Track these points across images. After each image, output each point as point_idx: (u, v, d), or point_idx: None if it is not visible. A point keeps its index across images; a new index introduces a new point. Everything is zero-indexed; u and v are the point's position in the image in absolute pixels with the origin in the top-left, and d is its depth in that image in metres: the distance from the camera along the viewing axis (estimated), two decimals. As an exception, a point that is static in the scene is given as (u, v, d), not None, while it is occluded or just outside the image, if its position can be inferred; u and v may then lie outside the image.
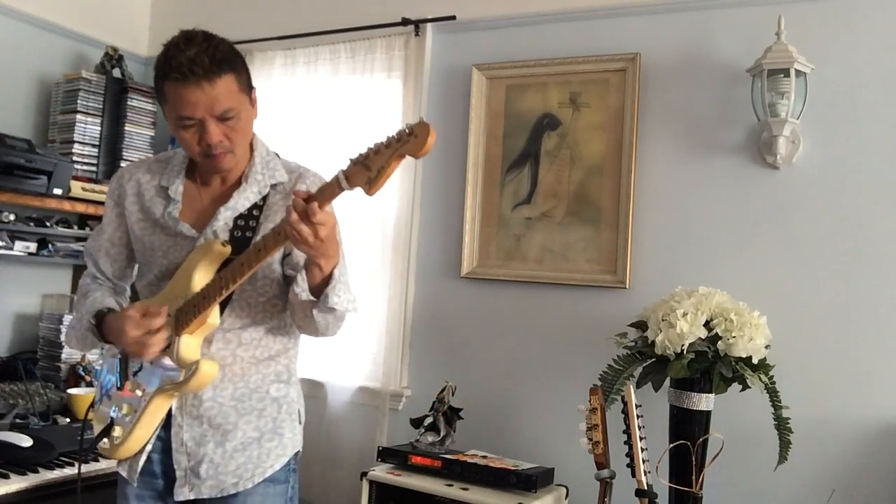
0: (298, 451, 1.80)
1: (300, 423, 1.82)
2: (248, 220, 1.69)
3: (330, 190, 1.43)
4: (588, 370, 2.51)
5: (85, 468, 2.24)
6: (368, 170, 1.37)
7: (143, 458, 1.70)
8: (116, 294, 1.84)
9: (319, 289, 1.58)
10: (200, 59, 1.54)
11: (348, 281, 1.63)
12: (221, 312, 1.65)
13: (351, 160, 1.39)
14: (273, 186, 1.73)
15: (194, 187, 1.74)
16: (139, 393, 1.67)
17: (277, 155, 1.80)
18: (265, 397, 1.73)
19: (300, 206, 1.43)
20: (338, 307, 1.59)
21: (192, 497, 1.67)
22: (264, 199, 1.71)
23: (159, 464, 1.71)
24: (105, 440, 1.69)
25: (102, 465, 2.29)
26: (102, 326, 1.68)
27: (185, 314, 1.59)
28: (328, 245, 1.49)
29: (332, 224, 1.47)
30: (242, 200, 1.69)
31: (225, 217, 1.68)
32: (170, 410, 1.68)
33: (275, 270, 1.71)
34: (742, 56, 2.55)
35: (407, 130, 1.33)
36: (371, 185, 1.37)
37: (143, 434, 1.66)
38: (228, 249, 1.62)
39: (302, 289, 1.59)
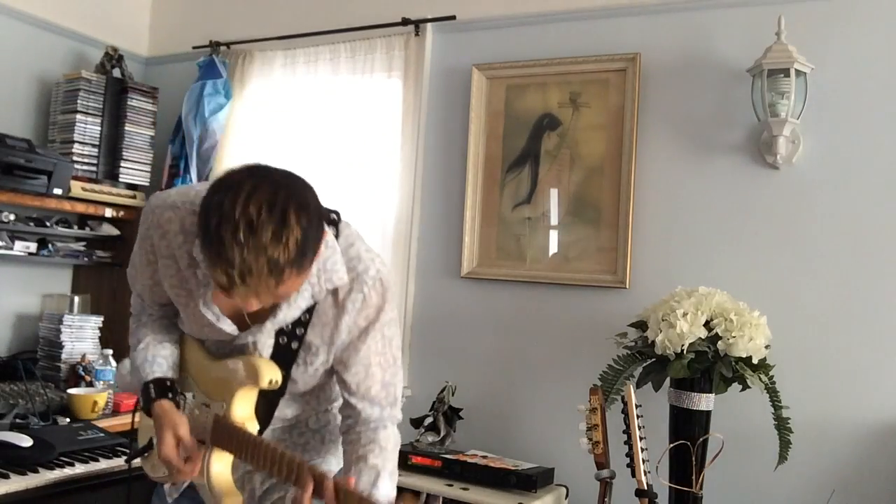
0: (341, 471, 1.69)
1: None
2: (296, 326, 1.46)
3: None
4: (588, 370, 2.51)
5: (85, 468, 2.24)
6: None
7: (186, 483, 1.59)
8: (170, 326, 1.61)
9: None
10: (259, 268, 1.19)
11: (395, 467, 1.51)
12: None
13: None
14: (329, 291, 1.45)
15: None
16: None
17: (334, 223, 1.47)
18: (305, 431, 1.66)
19: None
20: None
21: None
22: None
23: (199, 490, 1.60)
24: (146, 454, 1.63)
25: (103, 465, 2.29)
26: (150, 406, 1.50)
27: (221, 433, 1.45)
28: None
29: None
30: (293, 311, 1.43)
31: (268, 329, 1.45)
32: None
33: (314, 377, 1.55)
34: (742, 56, 2.55)
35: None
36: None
37: None
38: (277, 386, 1.43)
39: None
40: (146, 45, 3.87)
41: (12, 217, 2.98)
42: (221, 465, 1.48)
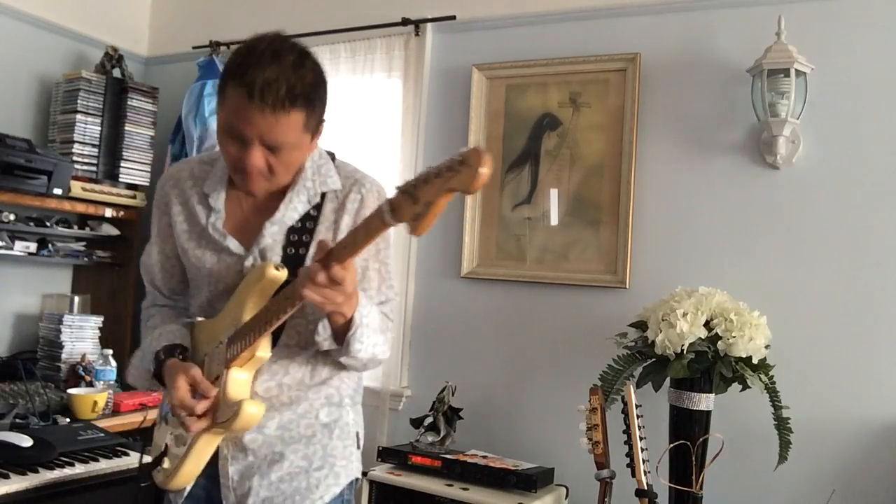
0: (356, 479, 1.64)
1: (358, 447, 1.64)
2: (302, 234, 1.53)
3: (374, 225, 1.22)
4: (588, 370, 2.51)
5: (85, 468, 2.24)
6: (415, 203, 1.15)
7: (191, 485, 1.57)
8: (179, 316, 1.69)
9: (342, 334, 1.44)
10: (278, 86, 1.36)
11: (375, 322, 1.48)
12: (275, 342, 1.50)
13: (398, 188, 1.18)
14: (324, 195, 1.55)
15: (237, 195, 1.58)
16: None
17: (333, 156, 1.63)
18: (314, 423, 1.57)
19: (318, 275, 1.26)
20: (360, 355, 1.46)
21: None
22: (318, 207, 1.54)
23: (204, 491, 1.58)
24: (160, 467, 1.59)
25: (102, 465, 2.29)
26: (162, 372, 1.53)
27: (235, 345, 1.45)
28: (351, 296, 1.36)
29: (354, 277, 1.33)
30: (290, 213, 1.53)
31: (271, 233, 1.52)
32: None
33: None
34: (742, 56, 2.55)
35: (458, 158, 1.11)
36: (417, 223, 1.15)
37: (193, 470, 1.53)
38: (284, 274, 1.43)
39: (324, 338, 1.46)
40: (146, 45, 3.88)
41: (12, 217, 2.98)
42: (239, 378, 1.47)
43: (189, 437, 1.53)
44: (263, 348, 1.45)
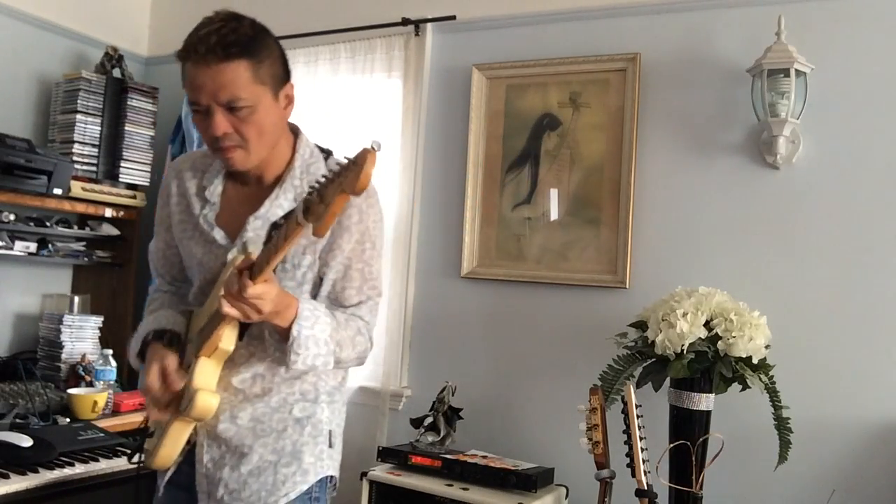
0: (327, 478, 1.61)
1: (330, 446, 1.63)
2: None
3: (291, 225, 1.25)
4: (588, 370, 2.51)
5: (85, 468, 2.24)
6: (322, 202, 1.18)
7: (173, 468, 1.61)
8: (180, 302, 1.72)
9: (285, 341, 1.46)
10: (209, 38, 1.42)
11: (322, 334, 1.47)
12: (245, 332, 1.51)
13: (311, 187, 1.22)
14: None
15: (234, 187, 1.62)
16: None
17: (328, 154, 1.66)
18: (287, 418, 1.57)
19: (232, 286, 1.31)
20: (296, 367, 1.46)
21: None
22: None
23: (185, 476, 1.60)
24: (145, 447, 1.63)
25: (102, 465, 2.29)
26: (147, 350, 1.57)
27: (203, 336, 1.48)
28: (277, 310, 1.39)
29: (272, 295, 1.35)
30: (274, 209, 1.54)
31: (254, 227, 1.53)
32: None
33: (301, 286, 1.57)
34: (742, 56, 2.55)
35: (353, 158, 1.14)
36: (319, 224, 1.18)
37: (169, 453, 1.56)
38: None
39: (269, 343, 1.49)
40: (146, 45, 3.87)
41: (12, 217, 2.98)
42: (205, 367, 1.49)
43: (162, 422, 1.57)
44: (226, 340, 1.46)
